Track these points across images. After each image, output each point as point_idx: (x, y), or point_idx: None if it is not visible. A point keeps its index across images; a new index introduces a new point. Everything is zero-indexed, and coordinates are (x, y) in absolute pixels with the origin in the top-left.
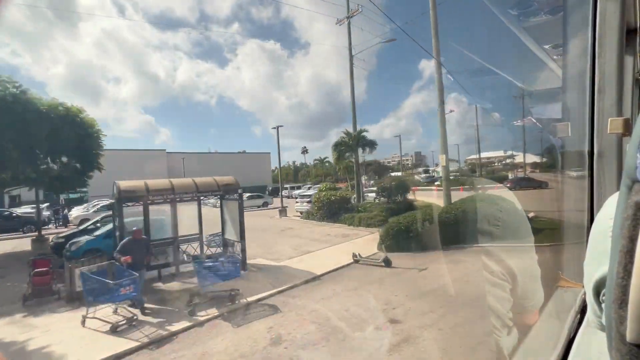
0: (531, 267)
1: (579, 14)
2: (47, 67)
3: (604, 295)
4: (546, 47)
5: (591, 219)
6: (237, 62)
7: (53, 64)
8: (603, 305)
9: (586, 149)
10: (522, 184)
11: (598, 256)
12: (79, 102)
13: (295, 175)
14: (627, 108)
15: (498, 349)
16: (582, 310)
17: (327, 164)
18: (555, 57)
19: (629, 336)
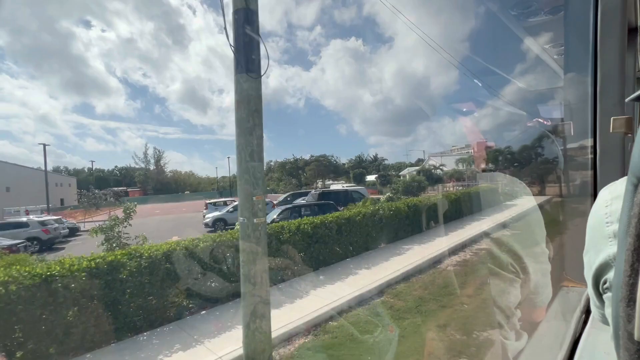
0: (543, 263)
1: (579, 13)
2: (168, 84)
3: (604, 284)
4: (547, 46)
5: None
6: (322, 64)
7: (172, 82)
8: (604, 296)
9: (589, 148)
10: None
11: (596, 243)
12: (192, 112)
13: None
14: (629, 107)
15: (503, 348)
16: (587, 310)
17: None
18: (556, 56)
19: (637, 334)
